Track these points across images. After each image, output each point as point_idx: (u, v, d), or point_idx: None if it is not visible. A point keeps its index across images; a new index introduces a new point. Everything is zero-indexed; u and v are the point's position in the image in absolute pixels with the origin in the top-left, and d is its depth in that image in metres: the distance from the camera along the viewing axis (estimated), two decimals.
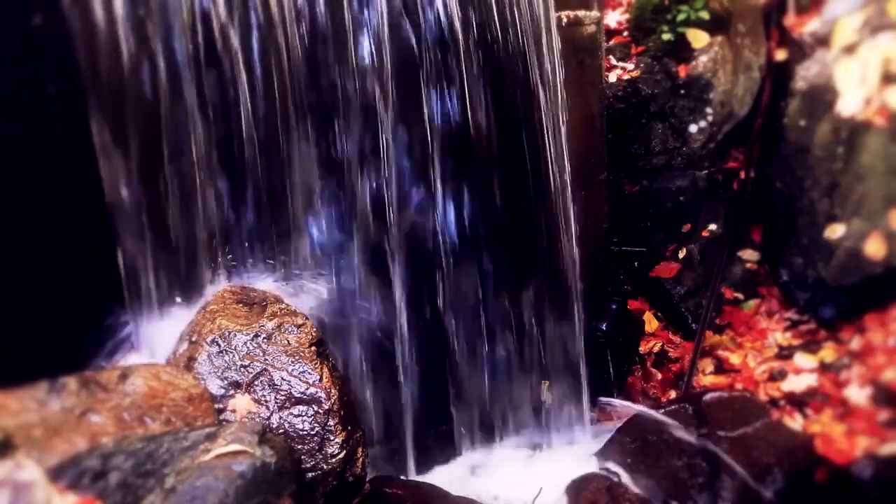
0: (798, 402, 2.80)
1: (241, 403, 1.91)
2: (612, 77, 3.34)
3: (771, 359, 3.00)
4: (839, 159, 2.99)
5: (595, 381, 2.98)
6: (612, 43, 3.42)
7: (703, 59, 3.29)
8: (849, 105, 2.97)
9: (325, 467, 1.87)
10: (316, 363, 1.98)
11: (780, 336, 3.07)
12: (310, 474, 1.84)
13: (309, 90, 2.25)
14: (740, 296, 3.23)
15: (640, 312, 3.29)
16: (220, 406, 1.89)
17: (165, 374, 1.88)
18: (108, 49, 1.95)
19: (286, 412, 1.90)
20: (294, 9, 2.17)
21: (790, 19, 3.37)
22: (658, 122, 3.33)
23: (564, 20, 2.84)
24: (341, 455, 1.89)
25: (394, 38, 2.34)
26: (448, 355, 2.64)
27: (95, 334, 2.01)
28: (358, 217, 2.40)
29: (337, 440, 1.89)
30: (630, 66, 3.37)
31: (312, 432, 1.89)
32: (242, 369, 1.94)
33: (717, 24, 3.30)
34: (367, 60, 2.31)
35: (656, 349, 3.20)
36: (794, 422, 2.73)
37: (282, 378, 1.93)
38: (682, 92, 3.30)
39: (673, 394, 3.06)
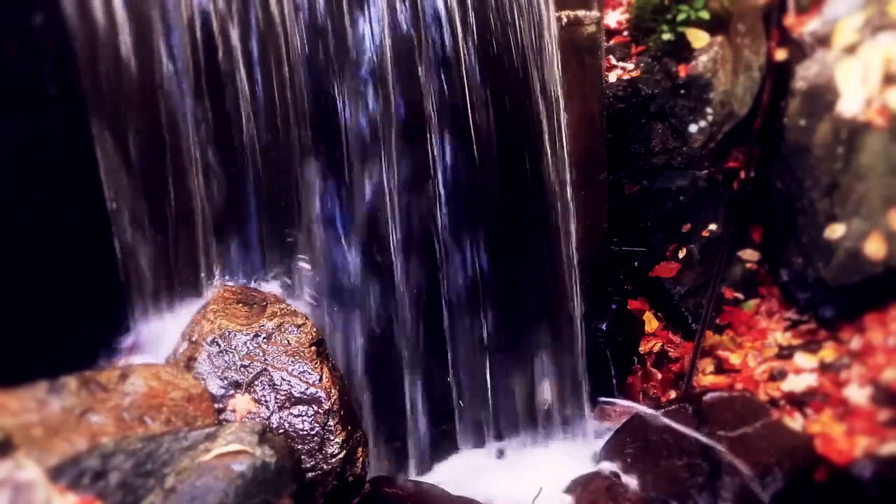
0: (798, 401, 2.80)
1: (241, 403, 1.91)
2: (612, 77, 3.34)
3: (771, 359, 2.99)
4: (839, 159, 2.99)
5: (595, 381, 2.98)
6: (612, 43, 3.42)
7: (703, 58, 3.29)
8: (849, 105, 2.97)
9: (325, 467, 1.87)
10: (316, 363, 1.98)
11: (780, 336, 3.07)
12: (310, 474, 1.84)
13: (309, 90, 2.25)
14: (740, 296, 3.23)
15: (640, 312, 3.29)
16: (220, 406, 1.89)
17: (165, 373, 1.88)
18: (108, 49, 1.95)
19: (286, 412, 1.90)
20: (293, 7, 2.17)
21: (790, 19, 3.37)
22: (658, 122, 3.33)
23: (564, 20, 2.84)
24: (341, 455, 1.89)
25: (393, 38, 2.34)
26: (448, 355, 2.64)
27: (95, 334, 2.01)
28: (358, 214, 2.40)
29: (337, 440, 1.89)
30: (630, 65, 3.37)
31: (312, 432, 1.89)
32: (242, 369, 1.95)
33: (717, 24, 3.30)
34: (367, 61, 2.31)
35: (656, 349, 3.20)
36: (794, 422, 2.73)
37: (282, 378, 1.94)
38: (682, 92, 3.30)
39: (673, 394, 3.06)
